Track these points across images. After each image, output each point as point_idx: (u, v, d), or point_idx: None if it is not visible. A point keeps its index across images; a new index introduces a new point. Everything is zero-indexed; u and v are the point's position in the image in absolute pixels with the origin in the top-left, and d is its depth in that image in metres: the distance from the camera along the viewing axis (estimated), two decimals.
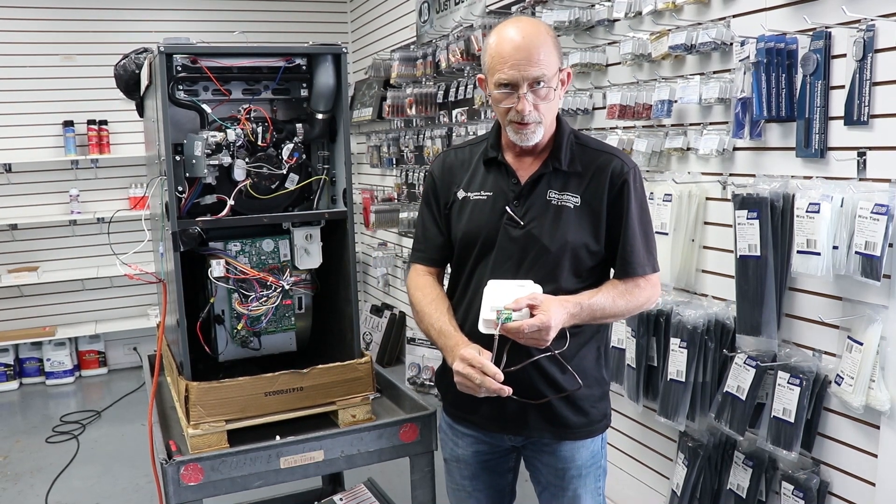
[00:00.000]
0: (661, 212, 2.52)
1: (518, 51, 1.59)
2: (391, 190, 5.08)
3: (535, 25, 1.62)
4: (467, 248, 1.76)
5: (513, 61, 1.59)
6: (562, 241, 1.67)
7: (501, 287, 1.58)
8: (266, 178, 2.13)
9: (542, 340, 1.54)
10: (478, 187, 1.78)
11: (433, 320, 1.74)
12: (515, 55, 1.59)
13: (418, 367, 4.65)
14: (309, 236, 2.22)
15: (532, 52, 1.59)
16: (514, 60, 1.59)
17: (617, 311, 1.68)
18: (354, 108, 5.30)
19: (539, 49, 1.59)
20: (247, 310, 2.11)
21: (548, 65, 1.60)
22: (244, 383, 2.03)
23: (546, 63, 1.60)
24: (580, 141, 1.77)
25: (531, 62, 1.59)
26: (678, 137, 2.55)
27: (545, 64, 1.60)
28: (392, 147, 4.87)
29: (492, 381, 1.54)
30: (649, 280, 1.72)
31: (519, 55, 1.59)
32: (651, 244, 1.74)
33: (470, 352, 1.57)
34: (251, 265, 2.16)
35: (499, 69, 1.62)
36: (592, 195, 1.69)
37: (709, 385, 2.42)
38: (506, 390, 1.54)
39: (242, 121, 2.09)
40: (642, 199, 1.74)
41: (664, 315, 2.56)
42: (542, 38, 1.60)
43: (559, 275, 1.68)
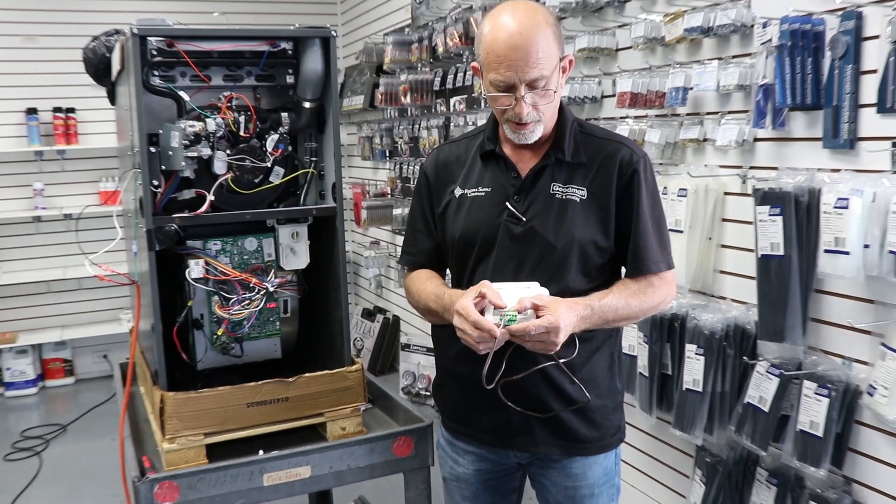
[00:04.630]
0: (676, 208, 2.53)
1: (514, 50, 1.57)
2: (384, 184, 5.08)
3: (532, 14, 1.59)
4: (466, 248, 1.77)
5: (508, 62, 1.58)
6: (568, 237, 1.68)
7: (503, 290, 1.58)
8: (249, 172, 2.13)
9: (550, 344, 1.54)
10: (475, 183, 1.78)
11: (428, 292, 1.76)
12: (511, 55, 1.57)
13: (413, 375, 4.65)
14: (295, 234, 2.22)
15: (530, 50, 1.56)
16: (509, 61, 1.58)
17: (630, 313, 1.68)
18: (344, 96, 5.30)
19: (537, 46, 1.57)
20: (228, 314, 2.11)
21: (547, 62, 1.59)
22: (224, 393, 2.03)
23: (545, 61, 1.58)
24: (585, 130, 1.77)
25: (528, 63, 1.57)
26: (694, 127, 2.56)
27: (544, 62, 1.58)
28: (385, 138, 4.87)
29: (484, 332, 1.51)
30: (664, 278, 1.72)
31: (515, 55, 1.57)
32: (665, 239, 1.75)
33: (464, 302, 1.55)
34: (232, 265, 2.15)
35: (494, 68, 1.60)
36: (599, 187, 1.70)
37: (728, 395, 2.42)
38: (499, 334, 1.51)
39: (223, 109, 2.09)
40: (654, 191, 1.74)
41: (679, 319, 2.57)
42: (541, 31, 1.58)
43: (566, 274, 1.68)
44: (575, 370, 1.70)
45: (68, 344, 5.43)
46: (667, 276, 1.74)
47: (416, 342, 4.70)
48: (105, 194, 5.37)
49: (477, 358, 1.61)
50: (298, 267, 2.25)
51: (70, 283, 5.37)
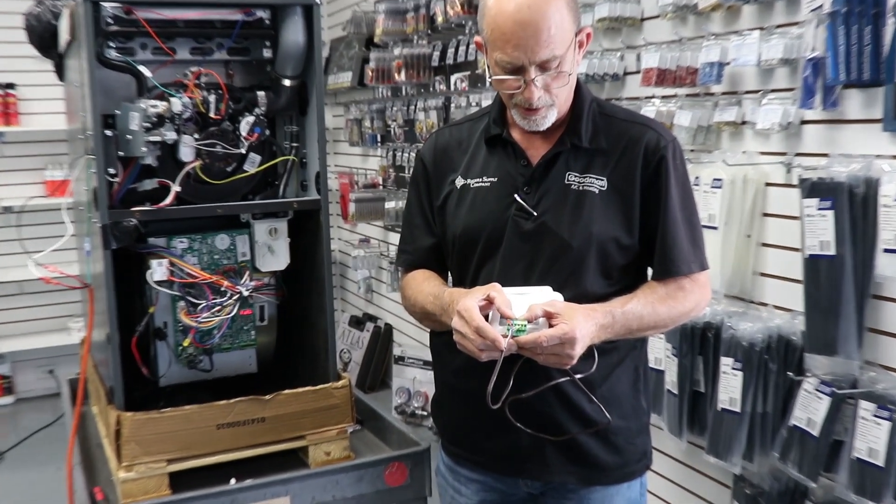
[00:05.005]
0: (710, 201, 2.53)
1: (523, 27, 1.56)
2: (375, 174, 5.08)
3: None
4: (469, 246, 1.77)
5: (516, 40, 1.57)
6: (585, 234, 1.68)
7: (512, 296, 1.59)
8: (220, 159, 2.14)
9: (565, 357, 1.54)
10: (479, 172, 1.79)
11: (426, 293, 1.77)
12: (519, 32, 1.56)
13: (408, 392, 4.66)
14: (273, 231, 2.23)
15: (540, 26, 1.56)
16: (517, 39, 1.57)
17: (658, 321, 1.68)
18: (330, 73, 5.31)
19: (549, 21, 1.56)
20: (195, 322, 2.12)
21: (560, 39, 1.58)
22: (191, 413, 2.03)
23: (558, 38, 1.58)
24: (605, 111, 1.77)
25: (539, 41, 1.57)
26: (731, 109, 2.56)
27: (557, 39, 1.58)
28: (376, 121, 4.88)
29: (488, 341, 1.52)
30: (696, 280, 1.73)
31: (524, 32, 1.56)
32: (697, 236, 1.75)
33: (468, 303, 1.55)
34: (201, 266, 2.16)
35: (499, 47, 1.60)
36: (622, 176, 1.70)
37: (770, 417, 2.42)
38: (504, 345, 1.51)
39: (190, 87, 2.10)
40: (684, 181, 1.74)
41: (713, 329, 2.57)
42: (552, 2, 1.57)
43: (583, 276, 1.69)
44: (594, 387, 1.70)
45: (7, 357, 5.43)
46: (699, 278, 1.74)
47: (411, 354, 4.69)
48: (52, 184, 5.38)
49: (481, 372, 1.61)
50: (277, 268, 2.26)
51: (10, 286, 5.36)
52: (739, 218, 2.53)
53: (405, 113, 4.56)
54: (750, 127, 2.53)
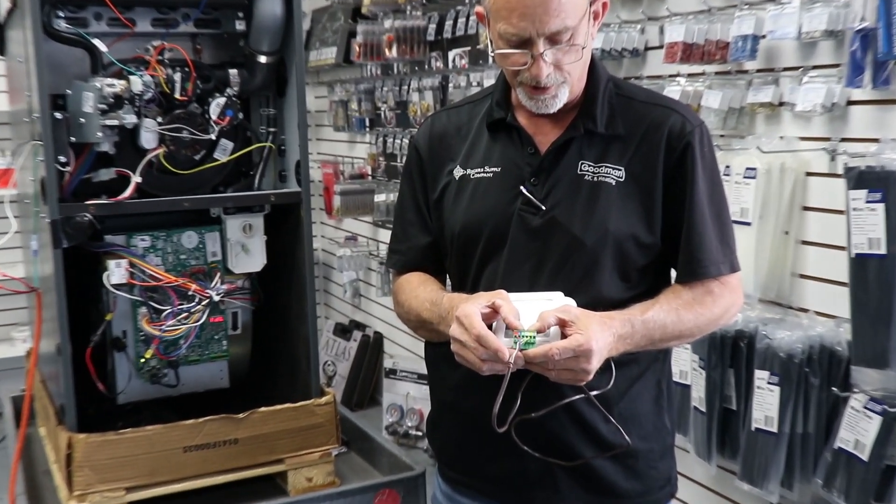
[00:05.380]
0: (742, 193, 2.53)
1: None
2: (363, 163, 5.08)
3: None
4: (469, 245, 1.77)
5: (522, 9, 1.57)
6: (600, 230, 1.68)
7: (518, 303, 1.58)
8: (187, 146, 2.14)
9: (580, 373, 1.53)
10: (481, 161, 1.78)
11: (422, 299, 1.77)
12: (526, 0, 1.57)
13: (401, 409, 4.65)
14: (248, 227, 2.23)
15: None
16: (523, 8, 1.57)
17: (683, 330, 1.68)
18: (311, 49, 5.30)
19: None
20: (159, 330, 2.11)
21: (573, 8, 1.58)
22: (154, 435, 2.03)
23: (570, 7, 1.58)
24: (623, 92, 1.77)
25: (549, 10, 1.56)
26: (767, 88, 2.56)
27: (569, 8, 1.58)
28: (364, 103, 4.87)
29: (491, 351, 1.50)
30: (726, 283, 1.73)
31: (532, 0, 1.57)
32: (727, 233, 1.75)
33: (468, 309, 1.55)
34: (166, 268, 2.16)
35: (503, 17, 1.60)
36: (642, 166, 1.70)
37: (812, 438, 2.42)
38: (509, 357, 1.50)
39: (152, 64, 2.09)
40: (713, 170, 1.74)
41: (746, 338, 2.57)
42: None
43: (598, 279, 1.69)
44: (611, 405, 1.69)
45: None
46: (730, 281, 1.74)
47: (404, 367, 4.68)
48: None
49: (483, 388, 1.60)
50: (252, 270, 2.26)
51: None
52: (776, 212, 2.53)
53: (397, 94, 4.55)
54: (788, 109, 2.52)
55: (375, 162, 4.86)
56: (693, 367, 2.72)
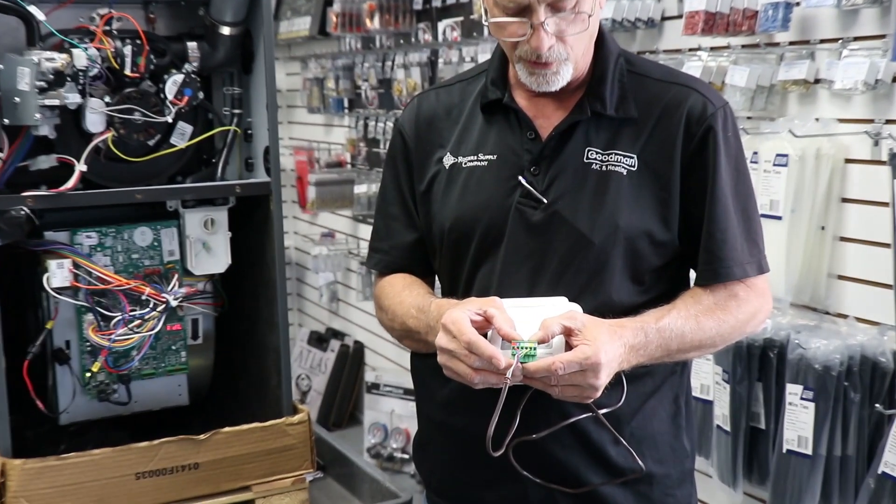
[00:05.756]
0: (772, 183, 2.53)
1: None
2: (341, 150, 5.08)
3: None
4: (461, 243, 1.77)
5: None
6: (609, 227, 1.67)
7: (517, 309, 1.58)
8: (139, 130, 2.13)
9: (586, 389, 1.52)
10: (474, 147, 1.78)
11: (407, 305, 1.76)
12: None
13: (384, 429, 4.64)
14: (209, 223, 2.22)
15: None
16: None
17: (704, 339, 1.68)
18: (282, 19, 5.29)
19: None
20: (108, 340, 2.10)
21: None
22: (102, 459, 2.01)
23: None
24: (636, 69, 1.76)
25: None
26: (800, 63, 2.55)
27: None
28: (343, 81, 4.86)
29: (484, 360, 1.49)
30: (753, 286, 1.73)
31: None
32: (754, 229, 1.75)
33: (456, 314, 1.55)
34: (115, 269, 2.15)
35: None
36: (657, 153, 1.70)
37: (852, 461, 2.41)
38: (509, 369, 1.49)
39: (98, 35, 2.08)
40: (738, 158, 1.74)
41: (776, 347, 2.56)
42: None
43: (607, 282, 1.68)
44: (622, 424, 1.69)
45: None
46: (757, 283, 1.73)
47: (388, 381, 4.68)
48: None
49: (476, 405, 1.60)
50: (215, 271, 2.26)
51: None
52: (811, 205, 2.52)
53: (380, 71, 4.54)
54: (825, 86, 2.52)
55: (355, 148, 4.85)
56: (716, 381, 2.72)
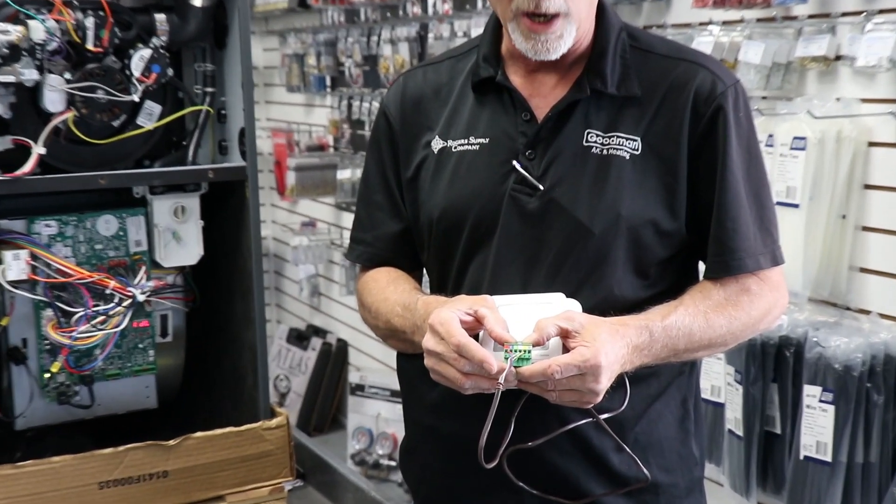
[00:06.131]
0: (788, 167, 2.53)
1: None
2: (323, 132, 5.06)
3: None
4: (450, 234, 1.78)
5: None
6: (611, 215, 1.68)
7: (510, 308, 1.58)
8: (103, 110, 2.13)
9: (586, 394, 1.53)
10: (465, 130, 1.79)
11: (392, 302, 1.77)
12: None
13: (370, 434, 4.62)
14: (180, 210, 2.21)
15: None
16: None
17: (714, 337, 1.68)
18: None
19: None
20: (69, 338, 2.11)
21: None
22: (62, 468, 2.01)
23: None
24: (640, 44, 1.77)
25: None
26: (820, 38, 2.55)
27: None
28: (325, 57, 4.84)
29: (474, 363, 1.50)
30: (767, 280, 1.74)
31: None
32: (768, 217, 1.76)
33: (444, 314, 1.55)
34: (77, 260, 2.15)
35: None
36: (663, 135, 1.71)
37: (875, 468, 2.42)
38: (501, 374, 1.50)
39: (57, 6, 2.07)
40: (751, 140, 1.75)
41: (793, 346, 2.57)
42: None
43: (609, 276, 1.69)
44: (625, 430, 1.70)
45: None
46: (771, 276, 1.75)
47: (374, 382, 4.67)
48: None
49: (467, 409, 1.61)
50: (186, 263, 2.26)
51: None
52: (831, 192, 2.52)
53: (364, 46, 4.52)
54: (847, 64, 2.52)
55: (338, 130, 4.83)
56: (727, 382, 2.72)
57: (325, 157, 4.91)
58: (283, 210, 5.73)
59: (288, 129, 5.38)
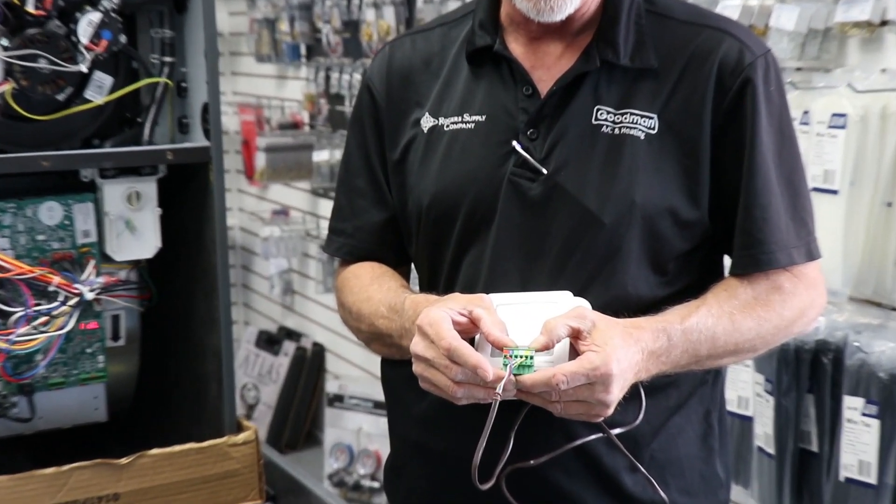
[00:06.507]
0: (826, 149, 2.53)
1: None
2: (297, 107, 5.08)
3: None
4: (442, 224, 1.78)
5: None
6: (624, 203, 1.68)
7: (510, 308, 1.59)
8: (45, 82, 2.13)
9: (595, 406, 1.53)
10: (458, 107, 1.79)
11: (376, 302, 1.77)
12: None
13: (350, 451, 4.65)
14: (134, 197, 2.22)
15: None
16: None
17: (741, 341, 1.68)
18: None
19: None
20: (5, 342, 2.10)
21: None
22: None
23: None
24: (656, 8, 1.77)
25: None
26: (863, 1, 2.55)
27: None
28: (299, 23, 4.85)
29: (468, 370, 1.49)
30: (802, 276, 1.73)
31: None
32: (803, 206, 1.76)
33: (434, 314, 1.55)
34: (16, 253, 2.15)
35: None
36: (683, 112, 1.70)
37: None
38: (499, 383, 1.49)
39: None
40: (782, 118, 1.75)
41: (831, 352, 2.57)
42: None
43: (621, 272, 1.69)
44: (640, 447, 1.71)
45: None
46: (807, 272, 1.74)
47: (354, 392, 4.70)
48: None
49: (463, 422, 1.61)
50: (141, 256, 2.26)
51: None
52: (874, 176, 2.52)
53: (345, 10, 4.53)
54: (894, 30, 2.52)
55: (314, 106, 4.85)
56: (756, 393, 2.73)
57: (300, 137, 4.93)
58: (251, 196, 5.75)
59: (257, 104, 5.40)
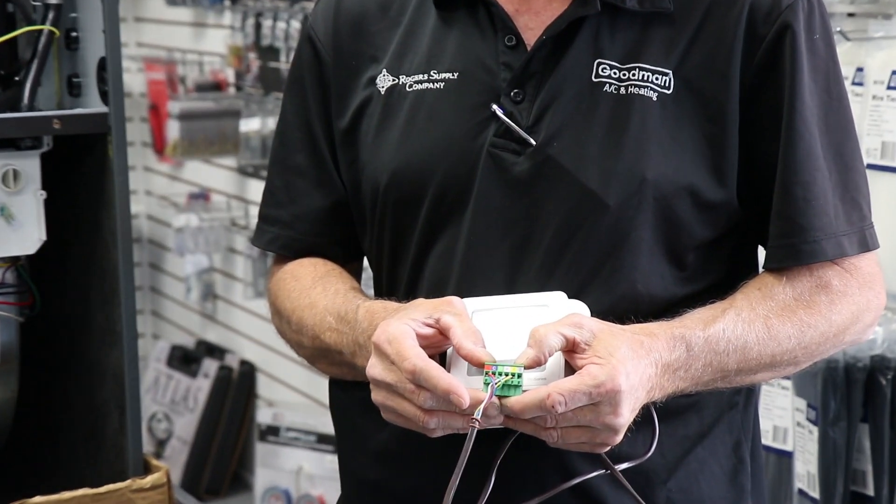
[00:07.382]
0: (885, 115, 2.55)
1: None
2: (220, 63, 5.08)
3: None
4: (404, 210, 1.79)
5: None
6: (632, 180, 1.69)
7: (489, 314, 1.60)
8: None
9: (600, 433, 1.54)
10: (424, 62, 1.81)
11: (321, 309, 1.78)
12: None
13: (286, 497, 4.66)
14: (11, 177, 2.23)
15: None
16: None
17: (778, 353, 1.69)
18: None
19: None
20: None
21: None
22: None
23: None
24: None
25: None
26: None
27: None
28: None
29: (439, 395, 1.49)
30: (854, 272, 1.75)
31: None
32: (855, 184, 1.77)
33: (395, 329, 1.55)
34: None
35: None
36: (704, 68, 1.72)
37: None
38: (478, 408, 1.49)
39: None
40: (830, 76, 1.76)
41: (891, 370, 2.59)
42: None
43: (629, 266, 1.70)
44: (654, 485, 1.73)
45: None
46: (861, 266, 1.76)
47: (293, 422, 4.72)
48: None
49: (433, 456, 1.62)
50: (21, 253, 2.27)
51: None
52: None
53: None
54: None
55: (241, 62, 4.85)
56: (797, 422, 2.74)
57: (223, 101, 4.94)
58: (161, 176, 5.74)
59: (169, 59, 5.39)
